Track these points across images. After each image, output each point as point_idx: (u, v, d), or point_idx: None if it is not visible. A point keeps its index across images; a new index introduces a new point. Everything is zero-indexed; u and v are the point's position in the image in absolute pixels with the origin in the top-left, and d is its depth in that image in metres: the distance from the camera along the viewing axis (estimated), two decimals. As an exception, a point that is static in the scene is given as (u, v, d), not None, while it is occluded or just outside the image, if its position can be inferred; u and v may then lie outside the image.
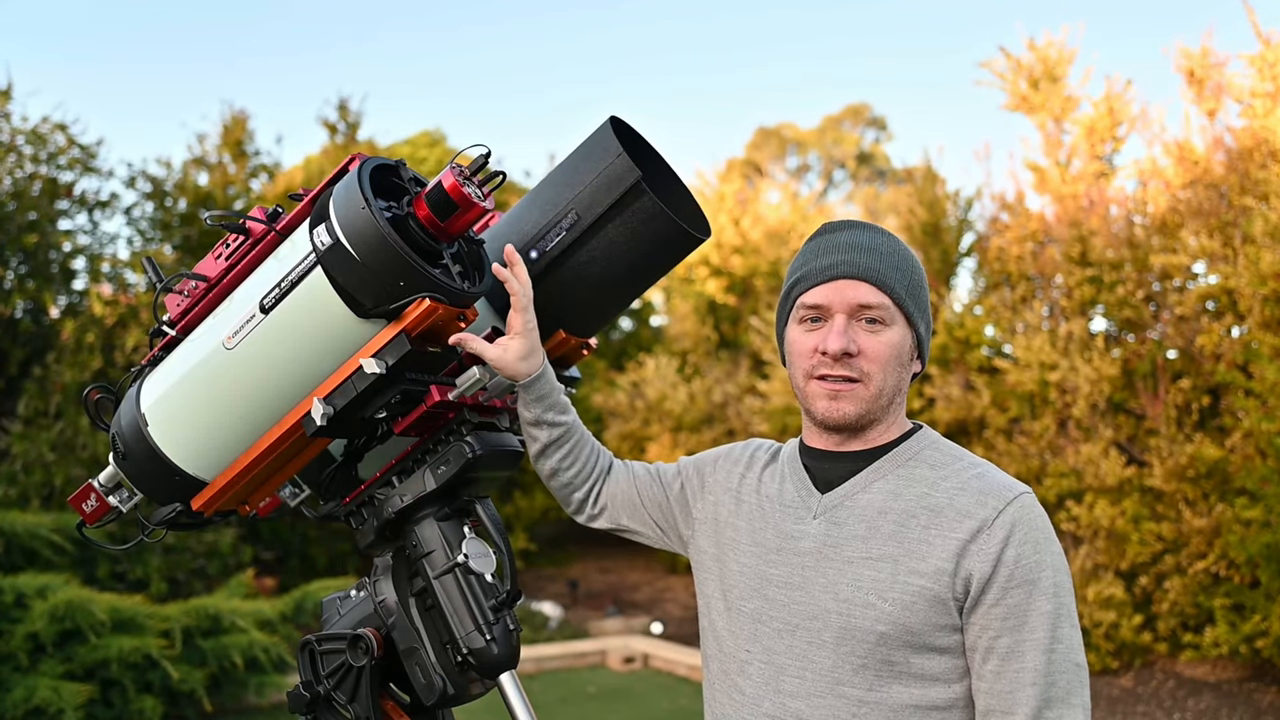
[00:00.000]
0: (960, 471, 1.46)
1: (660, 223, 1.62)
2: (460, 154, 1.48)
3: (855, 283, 1.46)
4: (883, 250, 1.48)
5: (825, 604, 1.44)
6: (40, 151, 9.41)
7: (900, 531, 1.43)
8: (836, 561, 1.45)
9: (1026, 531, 1.39)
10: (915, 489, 1.46)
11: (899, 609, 1.39)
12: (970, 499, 1.42)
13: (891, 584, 1.41)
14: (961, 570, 1.39)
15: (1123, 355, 7.90)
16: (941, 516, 1.42)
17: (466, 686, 1.55)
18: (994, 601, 1.37)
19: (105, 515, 1.66)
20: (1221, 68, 7.97)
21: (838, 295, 1.46)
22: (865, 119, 28.60)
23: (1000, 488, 1.43)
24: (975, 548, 1.38)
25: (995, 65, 9.17)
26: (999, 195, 9.17)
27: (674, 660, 8.23)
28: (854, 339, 1.45)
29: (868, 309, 1.46)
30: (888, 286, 1.46)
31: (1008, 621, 1.37)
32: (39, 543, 6.74)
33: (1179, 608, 7.25)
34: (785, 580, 1.49)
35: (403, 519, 1.55)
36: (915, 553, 1.41)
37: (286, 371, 1.46)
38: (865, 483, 1.49)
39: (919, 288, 1.51)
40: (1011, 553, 1.37)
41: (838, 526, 1.47)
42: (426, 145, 14.08)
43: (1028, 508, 1.41)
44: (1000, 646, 1.37)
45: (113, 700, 6.10)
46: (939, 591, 1.39)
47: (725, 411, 11.42)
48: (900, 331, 1.48)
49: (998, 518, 1.39)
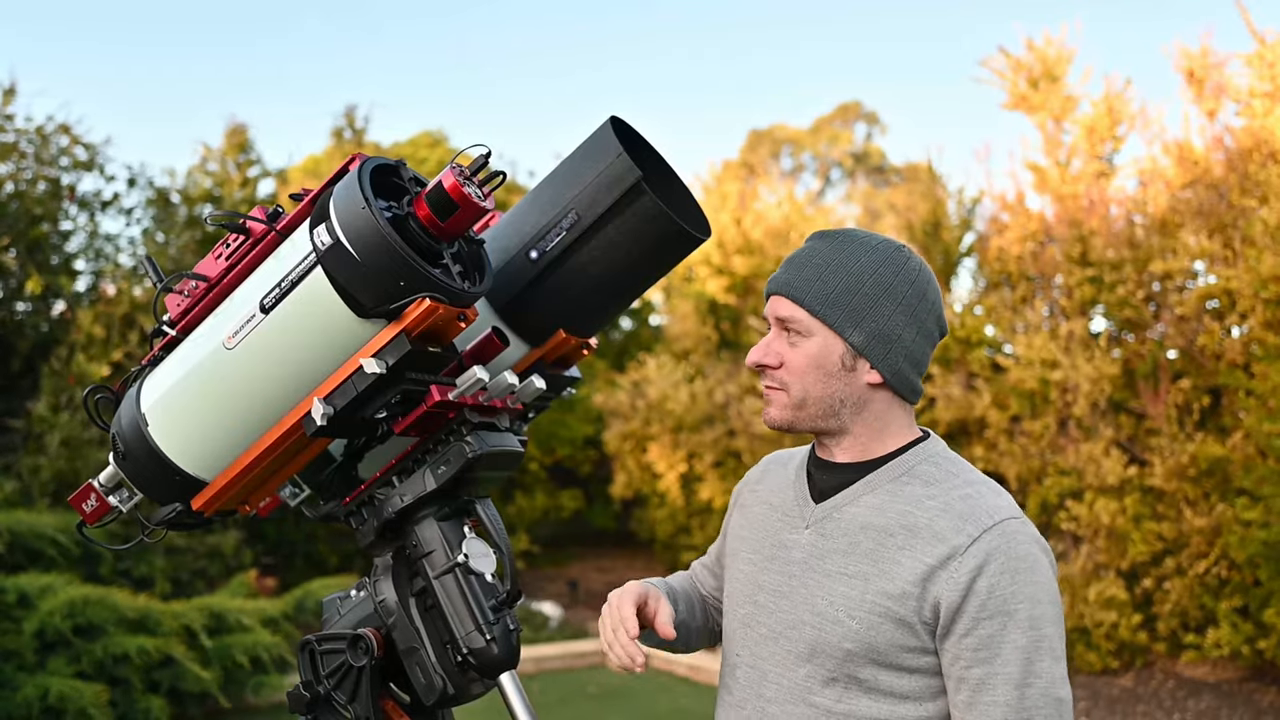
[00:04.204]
0: (949, 491, 1.43)
1: (661, 223, 1.62)
2: (460, 154, 1.48)
3: (777, 297, 1.52)
4: (815, 262, 1.49)
5: (803, 615, 1.47)
6: (44, 152, 9.42)
7: (877, 550, 1.42)
8: (818, 574, 1.47)
9: (1004, 561, 1.35)
10: (900, 505, 1.44)
11: (865, 628, 1.40)
12: (949, 522, 1.39)
13: (860, 602, 1.41)
14: (929, 595, 1.37)
15: (1123, 355, 7.90)
16: (917, 537, 1.40)
17: (467, 686, 1.55)
18: (965, 631, 1.35)
19: (105, 515, 1.66)
20: (1221, 67, 7.97)
21: (770, 309, 1.53)
22: (857, 114, 28.60)
23: (983, 513, 1.39)
24: (945, 574, 1.36)
25: (994, 64, 9.17)
26: (999, 195, 9.17)
27: (674, 660, 8.23)
28: (777, 350, 1.50)
29: (785, 320, 1.50)
30: (799, 299, 1.48)
31: (979, 653, 1.34)
32: (43, 542, 6.74)
33: (1180, 608, 7.25)
34: (775, 588, 1.52)
35: (403, 519, 1.55)
36: (886, 573, 1.40)
37: (287, 371, 1.46)
38: (855, 495, 1.49)
39: (852, 294, 1.46)
40: (984, 583, 1.34)
41: (824, 539, 1.49)
42: (427, 145, 14.08)
43: (1009, 535, 1.36)
44: (971, 677, 1.35)
45: (116, 700, 6.09)
46: (904, 614, 1.38)
47: (726, 412, 11.41)
48: (819, 342, 1.47)
49: (971, 545, 1.36)
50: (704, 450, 11.28)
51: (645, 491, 12.43)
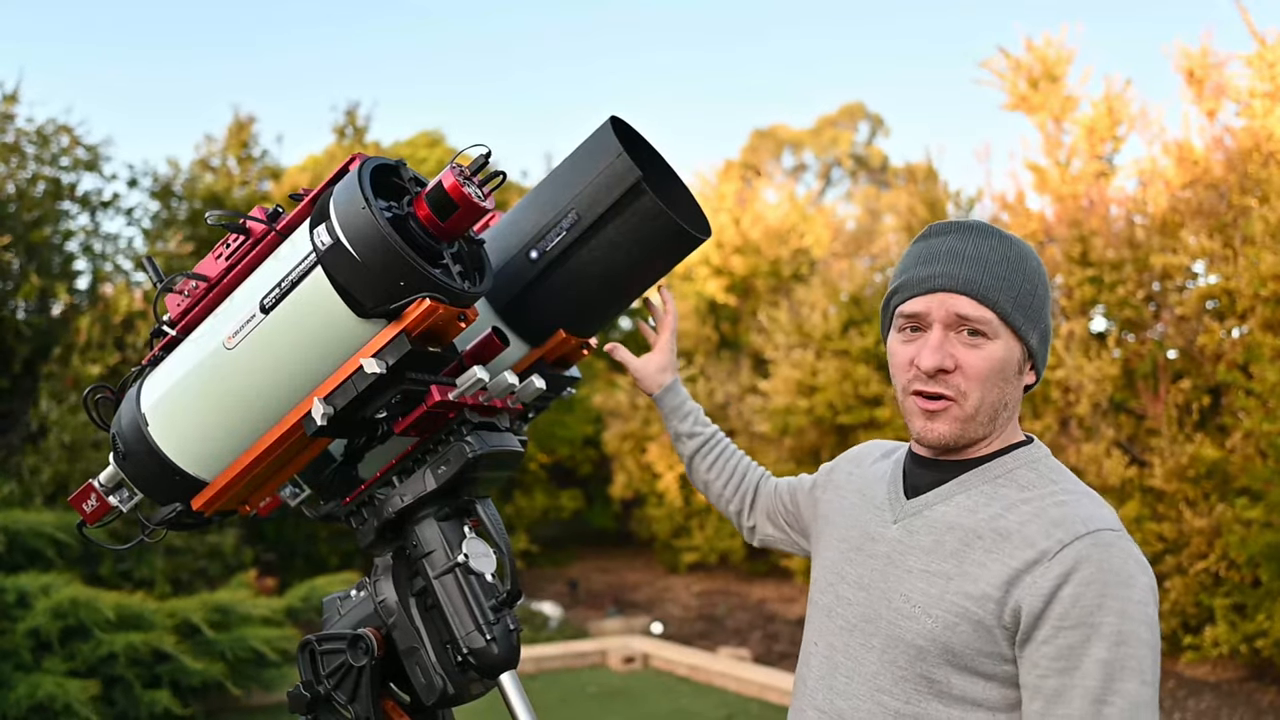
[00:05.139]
0: (1044, 497, 1.38)
1: (661, 222, 1.62)
2: (460, 154, 1.48)
3: (954, 295, 1.39)
4: (988, 259, 1.40)
5: (880, 609, 1.44)
6: (44, 153, 9.42)
7: (963, 550, 1.38)
8: (900, 569, 1.44)
9: (1094, 571, 1.27)
10: (992, 508, 1.40)
11: (941, 627, 1.36)
12: (1039, 528, 1.34)
13: (939, 601, 1.37)
14: (1010, 600, 1.32)
15: (1123, 355, 7.90)
16: (1007, 541, 1.35)
17: (467, 686, 1.55)
18: (1045, 639, 1.29)
19: (106, 515, 1.66)
20: (1221, 68, 7.97)
21: (937, 306, 1.40)
22: (861, 116, 28.60)
23: (1076, 520, 1.32)
24: (1030, 579, 1.31)
25: (994, 65, 9.17)
26: (999, 195, 9.17)
27: (674, 660, 8.23)
28: (951, 353, 1.39)
29: (967, 320, 1.39)
30: (990, 300, 1.38)
31: (1057, 663, 1.27)
32: (42, 541, 6.73)
33: (1180, 607, 7.25)
34: (857, 580, 1.50)
35: (403, 519, 1.55)
36: (969, 574, 1.36)
37: (287, 371, 1.46)
38: (947, 494, 1.45)
39: (1031, 295, 1.41)
40: (1069, 591, 1.27)
41: (910, 535, 1.45)
42: (426, 145, 14.09)
43: (1103, 545, 1.29)
44: (1047, 687, 1.28)
45: (115, 698, 6.09)
46: (983, 617, 1.33)
47: (726, 411, 11.42)
48: (1004, 345, 1.39)
49: (1060, 551, 1.30)
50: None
51: (645, 492, 12.43)
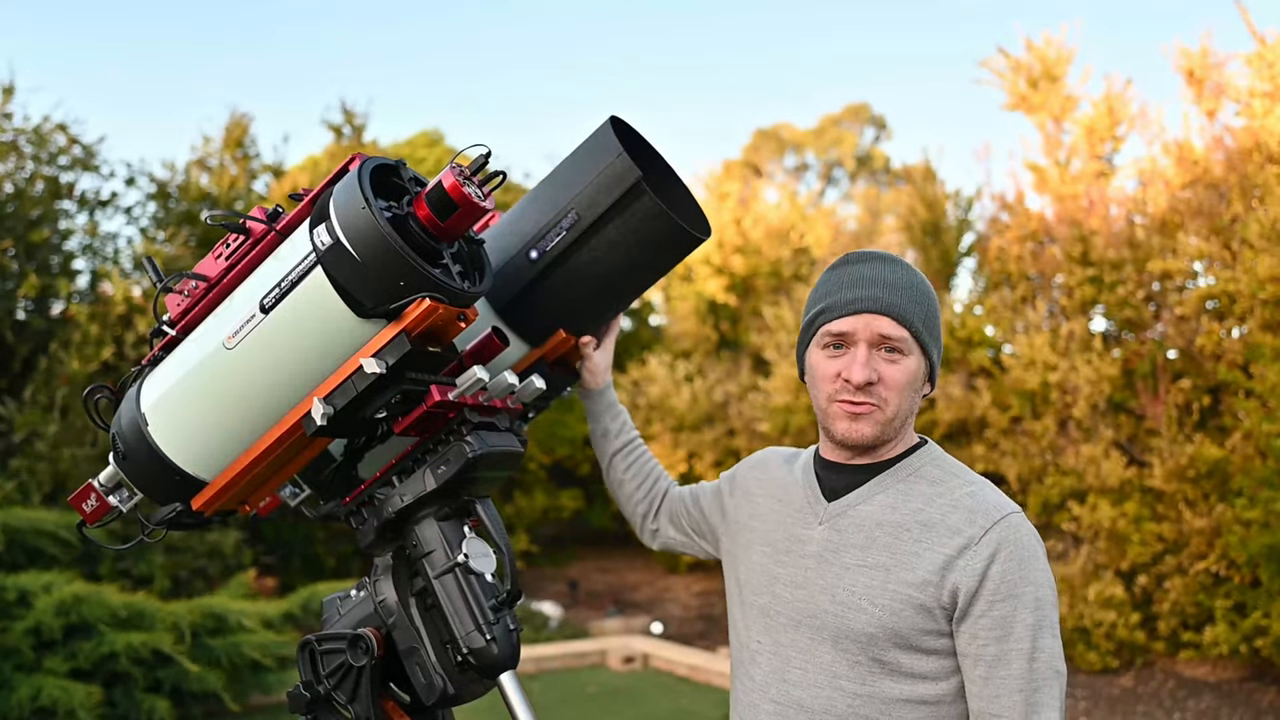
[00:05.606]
0: (954, 490, 1.58)
1: (661, 222, 1.62)
2: (460, 154, 1.48)
3: (878, 317, 1.57)
4: (903, 285, 1.60)
5: (823, 604, 1.58)
6: (41, 152, 9.42)
7: (894, 543, 1.56)
8: (835, 567, 1.59)
9: (1012, 549, 1.50)
10: (912, 504, 1.58)
11: (887, 614, 1.53)
12: (961, 517, 1.54)
13: (882, 591, 1.54)
14: (948, 583, 1.51)
15: (1123, 355, 7.90)
16: (933, 531, 1.54)
17: (467, 686, 1.55)
18: (981, 613, 1.49)
19: (105, 515, 1.66)
20: (1221, 68, 7.97)
21: (863, 326, 1.58)
22: (865, 118, 28.57)
23: (990, 507, 1.55)
24: (962, 563, 1.51)
25: (994, 65, 9.17)
26: (999, 195, 9.17)
27: (674, 660, 8.23)
28: (875, 368, 1.57)
29: (888, 339, 1.57)
30: (907, 320, 1.57)
31: (994, 631, 1.49)
32: (43, 539, 6.71)
33: (1179, 607, 7.25)
34: (790, 579, 1.63)
35: (403, 519, 1.55)
36: (905, 564, 1.54)
37: (287, 371, 1.46)
38: (867, 495, 1.62)
39: (934, 317, 1.63)
40: (997, 569, 1.49)
41: (839, 534, 1.61)
42: (426, 145, 14.09)
43: (1014, 527, 1.52)
44: (987, 654, 1.49)
45: (116, 699, 6.07)
46: (925, 600, 1.52)
47: (726, 411, 11.42)
48: (916, 360, 1.59)
49: (984, 536, 1.51)
50: (704, 449, 11.29)
51: (645, 491, 12.40)
